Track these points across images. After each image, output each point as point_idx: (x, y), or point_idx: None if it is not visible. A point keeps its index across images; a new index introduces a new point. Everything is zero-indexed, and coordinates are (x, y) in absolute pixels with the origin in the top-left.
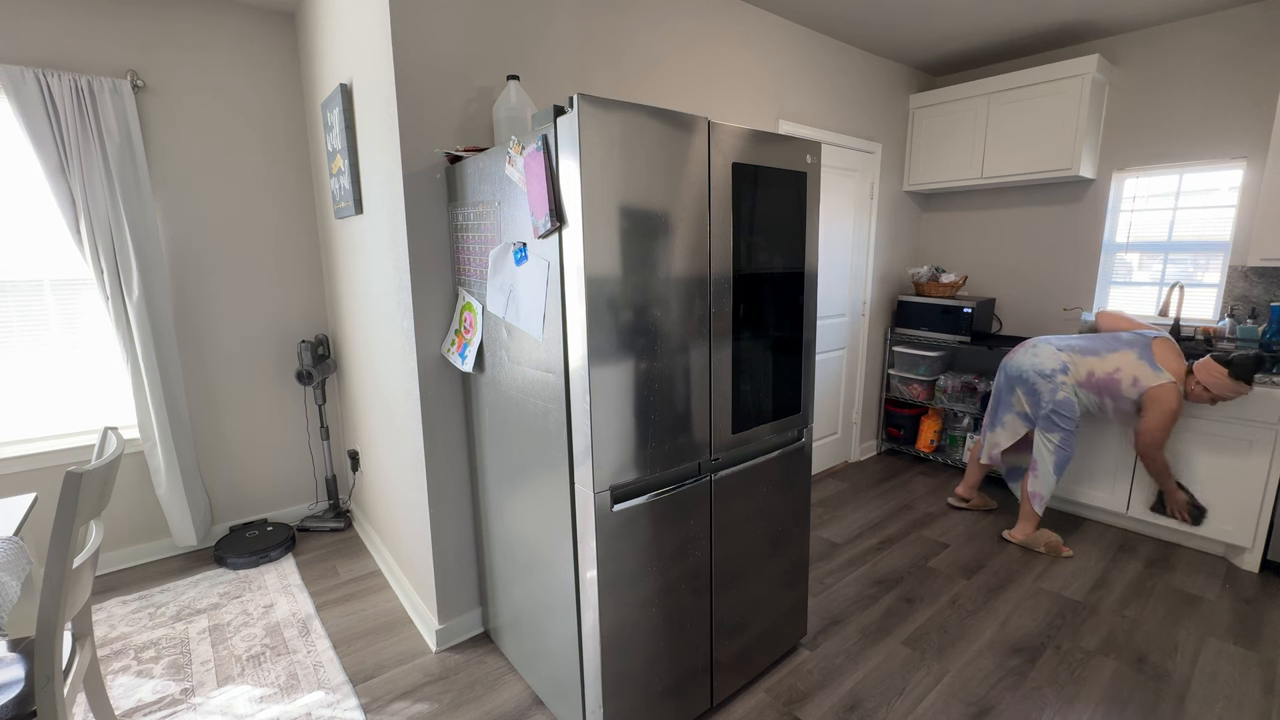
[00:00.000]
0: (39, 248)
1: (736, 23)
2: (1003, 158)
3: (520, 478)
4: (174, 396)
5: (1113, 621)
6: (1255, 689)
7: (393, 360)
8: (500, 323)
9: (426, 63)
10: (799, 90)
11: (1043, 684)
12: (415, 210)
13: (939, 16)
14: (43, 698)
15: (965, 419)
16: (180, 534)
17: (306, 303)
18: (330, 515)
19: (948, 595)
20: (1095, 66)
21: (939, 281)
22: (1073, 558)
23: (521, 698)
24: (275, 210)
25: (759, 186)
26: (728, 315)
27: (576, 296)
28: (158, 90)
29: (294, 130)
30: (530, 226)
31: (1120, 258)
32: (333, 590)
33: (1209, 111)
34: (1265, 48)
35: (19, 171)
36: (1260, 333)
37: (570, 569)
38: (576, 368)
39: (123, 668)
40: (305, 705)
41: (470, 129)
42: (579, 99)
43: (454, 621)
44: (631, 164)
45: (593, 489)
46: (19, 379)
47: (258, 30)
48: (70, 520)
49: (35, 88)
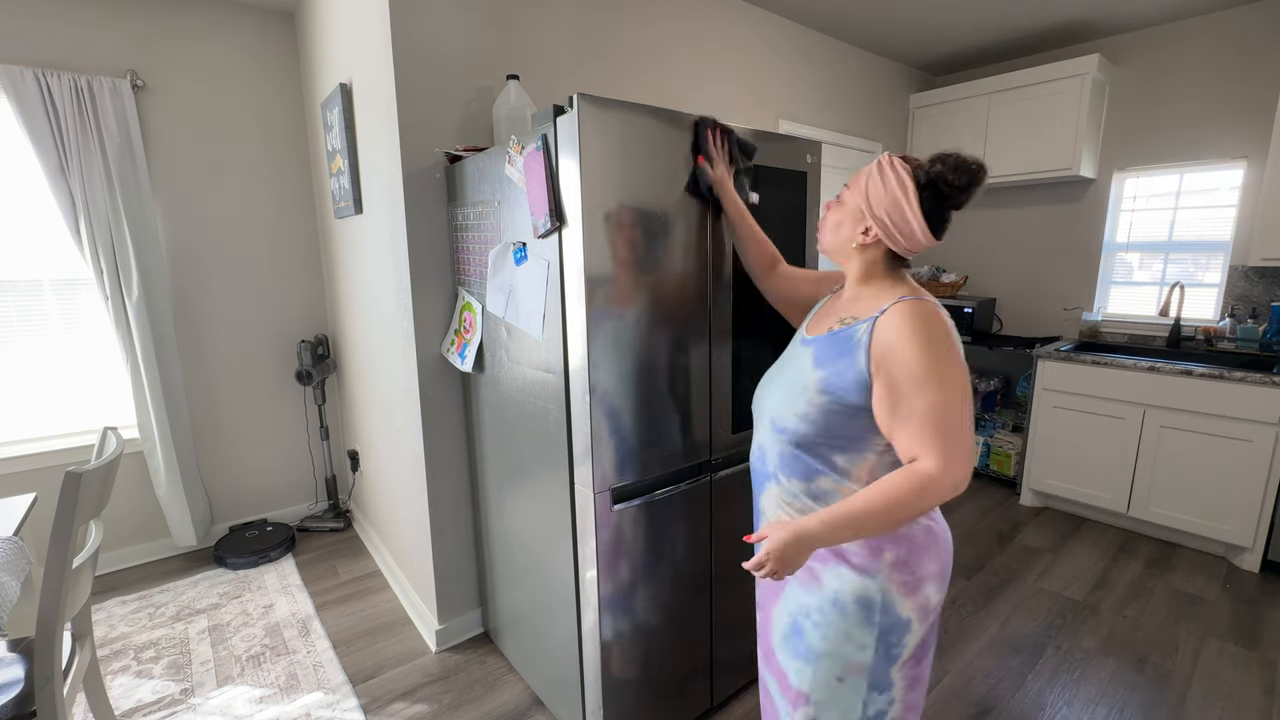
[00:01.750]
0: (39, 248)
1: (737, 22)
2: (1003, 158)
3: (520, 478)
4: (174, 396)
5: (1113, 621)
6: (1255, 689)
7: (393, 360)
8: (500, 323)
9: (426, 62)
10: (799, 90)
11: (1043, 684)
12: (415, 210)
13: (939, 16)
14: (42, 698)
15: None
16: (180, 534)
17: (306, 303)
18: (330, 515)
19: (948, 595)
20: (1095, 66)
21: (939, 281)
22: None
23: (521, 698)
24: (275, 210)
25: (759, 186)
26: (728, 315)
27: (576, 296)
28: (158, 90)
29: (294, 130)
30: (530, 226)
31: (1121, 257)
32: (332, 590)
33: (1209, 111)
34: (1265, 48)
35: (19, 171)
36: (1261, 332)
37: (570, 569)
38: (576, 368)
39: (122, 668)
40: (305, 705)
41: (470, 129)
42: (579, 99)
43: (454, 621)
44: (631, 164)
45: (593, 489)
46: (19, 379)
47: (257, 30)
48: (70, 520)
49: (35, 88)
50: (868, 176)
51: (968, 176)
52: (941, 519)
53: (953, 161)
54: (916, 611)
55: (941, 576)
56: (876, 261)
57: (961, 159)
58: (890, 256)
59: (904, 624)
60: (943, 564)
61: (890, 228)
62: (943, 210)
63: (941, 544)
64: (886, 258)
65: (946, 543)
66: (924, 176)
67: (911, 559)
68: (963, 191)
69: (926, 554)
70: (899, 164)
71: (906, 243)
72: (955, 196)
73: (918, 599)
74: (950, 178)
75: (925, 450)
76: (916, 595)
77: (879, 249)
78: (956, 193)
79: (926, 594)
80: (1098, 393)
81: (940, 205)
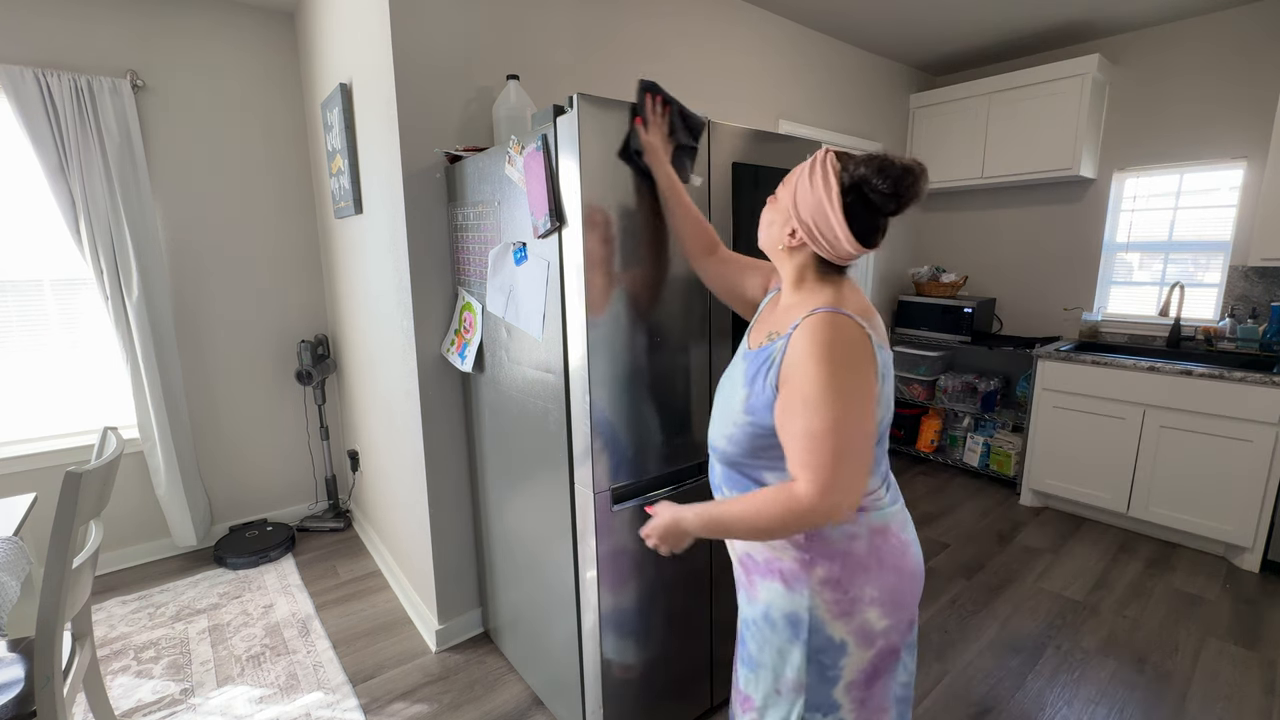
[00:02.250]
0: (39, 248)
1: (737, 22)
2: (1003, 158)
3: (520, 478)
4: (174, 396)
5: (1113, 621)
6: (1255, 689)
7: (393, 360)
8: (500, 323)
9: (426, 62)
10: (799, 90)
11: (1043, 684)
12: (415, 210)
13: (939, 16)
14: (42, 698)
15: (965, 419)
16: (180, 534)
17: (306, 303)
18: (330, 515)
19: (948, 595)
20: (1095, 66)
21: (939, 281)
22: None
23: (521, 698)
24: (275, 210)
25: (759, 186)
26: (727, 315)
27: (576, 296)
28: (158, 90)
29: (294, 130)
30: (530, 226)
31: (1121, 257)
32: (332, 590)
33: (1209, 111)
34: (1265, 47)
35: (19, 171)
36: (1260, 332)
37: (570, 569)
38: (576, 368)
39: (122, 668)
40: (305, 705)
41: (470, 129)
42: (579, 98)
43: (454, 621)
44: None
45: (593, 489)
46: (19, 379)
47: (258, 30)
48: (70, 520)
49: (35, 88)
50: (799, 174)
51: (893, 183)
52: (903, 539)
53: (877, 164)
54: (854, 635)
55: (888, 603)
56: (808, 266)
57: (888, 161)
58: (821, 261)
59: (838, 646)
60: (889, 589)
61: (815, 232)
62: (872, 217)
63: (888, 567)
64: (817, 262)
65: (899, 567)
66: (848, 179)
67: (845, 578)
68: (891, 199)
69: (865, 575)
70: (829, 163)
71: (832, 249)
72: (886, 204)
73: (853, 622)
74: (875, 182)
75: (802, 472)
76: (851, 618)
77: (808, 253)
78: (885, 200)
79: (865, 618)
80: (1098, 393)
81: (868, 212)
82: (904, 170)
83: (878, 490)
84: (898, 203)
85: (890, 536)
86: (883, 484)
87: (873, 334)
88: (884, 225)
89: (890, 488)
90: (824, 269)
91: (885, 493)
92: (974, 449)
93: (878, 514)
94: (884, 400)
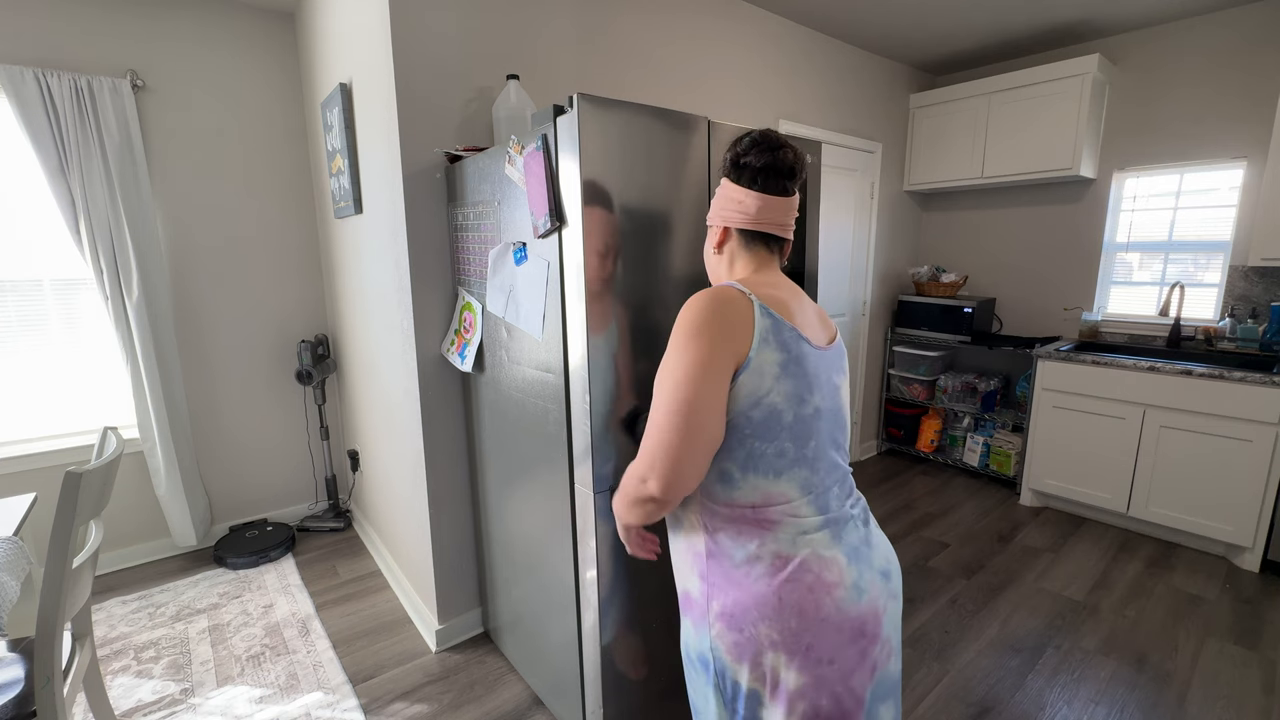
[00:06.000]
0: (39, 248)
1: (737, 22)
2: (1003, 158)
3: (520, 478)
4: (174, 396)
5: (1113, 621)
6: (1255, 689)
7: (393, 360)
8: (500, 323)
9: (426, 62)
10: (799, 90)
11: (1043, 684)
12: (415, 210)
13: (939, 16)
14: (42, 698)
15: (965, 419)
16: (180, 534)
17: (306, 302)
18: (330, 515)
19: (948, 595)
20: (1095, 66)
21: (939, 281)
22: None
23: (521, 698)
24: (275, 210)
25: None
26: None
27: (576, 296)
28: (157, 90)
29: (294, 130)
30: (530, 226)
31: (1120, 257)
32: (332, 590)
33: (1209, 111)
34: (1265, 47)
35: (19, 171)
36: (1260, 332)
37: (570, 569)
38: (576, 368)
39: (122, 668)
40: (305, 705)
41: (470, 129)
42: (579, 98)
43: (454, 621)
44: (631, 163)
45: (593, 489)
46: (19, 379)
47: (257, 30)
48: (70, 520)
49: (35, 88)
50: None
51: (751, 141)
52: (822, 578)
53: (746, 142)
54: (765, 686)
55: (797, 652)
56: (735, 250)
57: (756, 137)
58: (743, 235)
59: (753, 697)
60: (791, 633)
61: (725, 211)
62: (767, 180)
63: (788, 607)
64: (741, 239)
65: (802, 610)
66: (727, 163)
67: (738, 612)
68: (755, 146)
69: (759, 611)
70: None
71: (743, 212)
72: (757, 155)
73: (757, 670)
74: (740, 148)
75: (643, 447)
76: (756, 665)
77: (733, 241)
78: (754, 149)
79: (770, 667)
80: (1098, 393)
81: (761, 177)
82: (760, 132)
83: (793, 500)
84: (764, 145)
85: (803, 571)
86: (804, 494)
87: (761, 304)
88: (774, 169)
89: (819, 501)
90: (747, 240)
91: (806, 505)
92: (974, 449)
93: (787, 534)
94: (793, 388)
